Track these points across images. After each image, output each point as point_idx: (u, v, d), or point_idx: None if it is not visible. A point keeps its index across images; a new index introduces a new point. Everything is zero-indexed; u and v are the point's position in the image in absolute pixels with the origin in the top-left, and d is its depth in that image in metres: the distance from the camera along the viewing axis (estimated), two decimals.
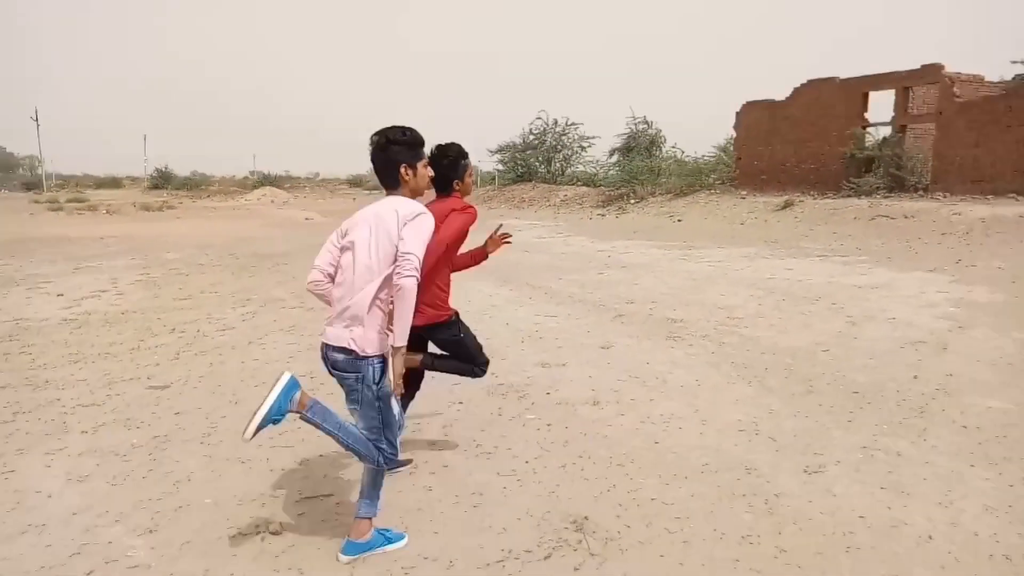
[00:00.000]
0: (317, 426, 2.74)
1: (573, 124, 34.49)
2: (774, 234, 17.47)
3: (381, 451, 2.78)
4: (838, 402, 4.86)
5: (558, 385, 5.20)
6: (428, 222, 2.73)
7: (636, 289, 9.46)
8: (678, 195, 24.73)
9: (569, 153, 34.65)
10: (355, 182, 65.72)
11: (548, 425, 4.39)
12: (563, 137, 34.64)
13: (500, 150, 35.25)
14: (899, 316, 7.70)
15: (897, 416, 4.57)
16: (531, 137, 34.34)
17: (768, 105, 25.91)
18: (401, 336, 2.66)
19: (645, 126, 35.13)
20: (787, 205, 20.41)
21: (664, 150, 35.38)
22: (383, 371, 2.72)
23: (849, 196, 21.67)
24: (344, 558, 2.82)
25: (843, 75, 23.31)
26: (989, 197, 19.24)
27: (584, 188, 30.01)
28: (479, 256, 3.83)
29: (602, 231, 19.32)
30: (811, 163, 24.36)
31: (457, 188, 3.61)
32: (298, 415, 2.70)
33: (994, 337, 6.68)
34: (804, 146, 24.61)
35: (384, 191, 2.89)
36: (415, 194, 2.89)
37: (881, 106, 23.29)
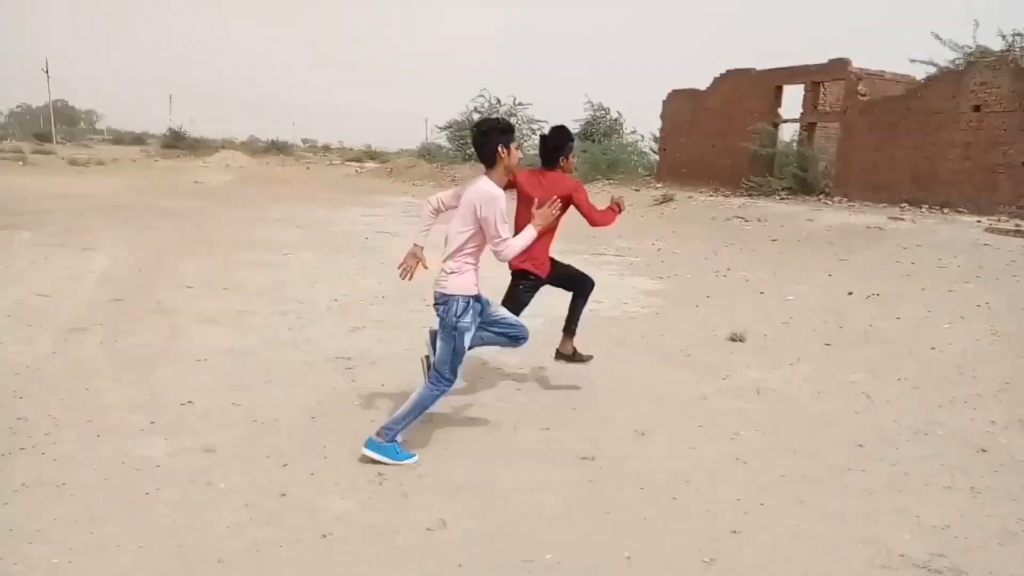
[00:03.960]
0: (407, 427, 3.56)
1: (520, 104, 33.09)
2: (610, 230, 16.08)
3: (442, 378, 3.53)
4: None
5: None
6: (499, 204, 3.45)
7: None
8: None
9: (517, 134, 33.26)
10: (354, 156, 64.68)
11: None
12: (511, 118, 33.25)
13: (448, 127, 34.10)
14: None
15: None
16: (475, 115, 33.02)
17: (691, 95, 24.27)
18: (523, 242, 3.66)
19: (603, 112, 33.65)
20: (665, 200, 18.93)
21: (624, 136, 33.94)
22: (465, 308, 3.49)
23: (751, 195, 20.06)
24: (365, 451, 3.46)
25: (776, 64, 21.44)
26: (883, 205, 17.49)
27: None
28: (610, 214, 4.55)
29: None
30: (726, 158, 22.69)
31: (562, 164, 4.41)
32: (392, 441, 3.51)
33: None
34: (721, 139, 22.96)
35: (484, 168, 3.58)
36: (508, 170, 3.64)
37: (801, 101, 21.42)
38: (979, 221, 14.45)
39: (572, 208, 4.35)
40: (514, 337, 3.84)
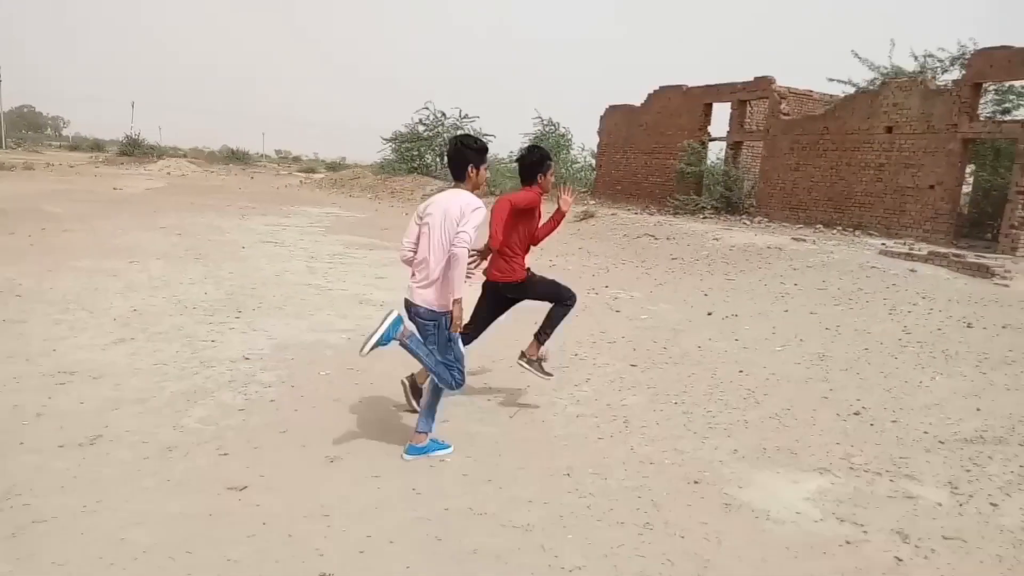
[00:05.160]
0: (411, 352, 3.73)
1: (467, 117, 32.85)
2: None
3: (453, 377, 3.77)
4: None
5: None
6: (482, 214, 3.67)
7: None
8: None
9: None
10: (308, 168, 63.77)
11: None
12: (459, 131, 32.98)
13: (393, 139, 33.69)
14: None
15: None
16: (422, 128, 32.70)
17: (627, 111, 24.17)
18: (457, 290, 3.60)
19: (552, 128, 33.59)
20: (585, 217, 18.73)
21: (572, 152, 33.99)
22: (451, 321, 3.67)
23: (676, 214, 19.94)
24: (407, 456, 3.79)
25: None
26: (799, 226, 17.47)
27: (444, 182, 28.39)
28: (558, 217, 4.69)
29: (335, 222, 17.41)
30: (658, 175, 22.61)
31: (539, 182, 4.52)
32: (399, 342, 3.66)
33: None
34: (653, 157, 22.88)
35: (453, 182, 3.85)
36: (475, 187, 3.83)
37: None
38: (883, 243, 14.40)
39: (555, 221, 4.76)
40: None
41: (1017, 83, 15.29)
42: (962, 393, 5.56)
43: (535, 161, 4.52)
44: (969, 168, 19.60)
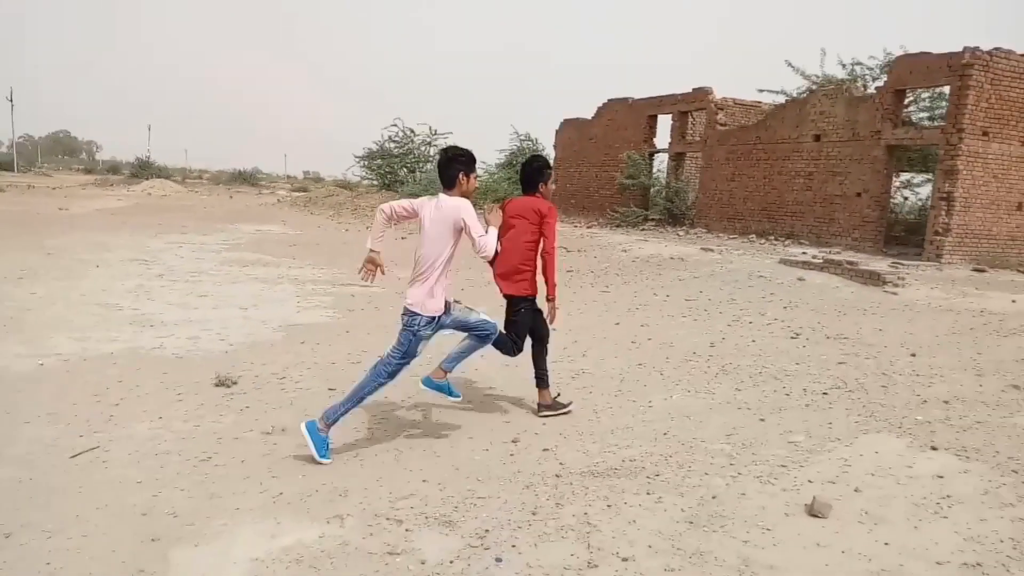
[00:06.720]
0: (345, 413, 3.95)
1: (439, 134, 32.51)
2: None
3: (385, 372, 3.95)
4: None
5: None
6: (471, 207, 3.94)
7: None
8: None
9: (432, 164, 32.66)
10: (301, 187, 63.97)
11: None
12: (430, 147, 32.70)
13: (365, 156, 33.46)
14: None
15: None
16: (392, 145, 32.45)
17: (578, 124, 23.65)
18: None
19: (530, 143, 33.08)
20: None
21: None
22: (429, 323, 3.94)
23: (618, 226, 19.30)
24: (302, 427, 3.85)
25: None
26: (733, 236, 16.70)
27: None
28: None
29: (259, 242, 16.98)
30: (607, 188, 21.97)
31: (541, 190, 4.72)
32: (330, 427, 3.88)
33: None
34: (603, 169, 22.26)
35: (443, 189, 4.01)
36: (465, 195, 4.01)
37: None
38: (804, 252, 13.59)
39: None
40: (483, 336, 4.23)
41: (946, 89, 14.43)
42: (681, 414, 4.86)
43: (536, 169, 4.73)
44: (926, 176, 18.66)
